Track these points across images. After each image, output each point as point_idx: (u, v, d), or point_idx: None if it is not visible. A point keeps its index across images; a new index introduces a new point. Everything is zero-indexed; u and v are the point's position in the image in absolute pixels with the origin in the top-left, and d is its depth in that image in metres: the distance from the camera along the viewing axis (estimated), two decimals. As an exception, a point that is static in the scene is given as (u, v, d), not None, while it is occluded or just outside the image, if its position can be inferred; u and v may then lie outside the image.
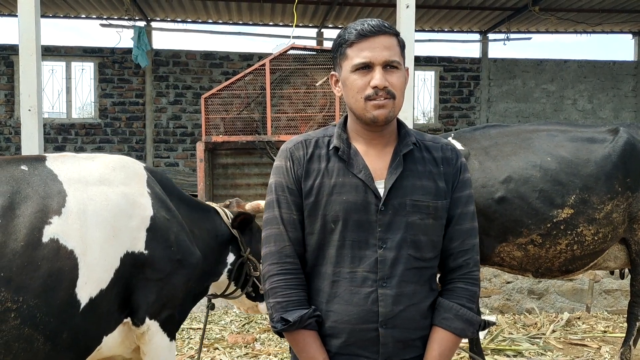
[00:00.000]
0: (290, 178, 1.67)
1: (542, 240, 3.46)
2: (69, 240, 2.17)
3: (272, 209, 1.69)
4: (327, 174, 1.66)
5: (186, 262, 2.53)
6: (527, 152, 3.55)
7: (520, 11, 10.86)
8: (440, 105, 12.80)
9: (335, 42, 1.69)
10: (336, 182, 1.64)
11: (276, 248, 1.66)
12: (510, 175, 3.48)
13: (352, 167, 1.65)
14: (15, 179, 2.20)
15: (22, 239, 2.09)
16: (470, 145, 3.65)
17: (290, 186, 1.67)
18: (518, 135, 3.66)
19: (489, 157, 3.57)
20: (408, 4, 5.23)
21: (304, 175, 1.67)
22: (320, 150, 1.69)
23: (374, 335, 1.62)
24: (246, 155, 7.02)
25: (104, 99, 11.82)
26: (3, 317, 2.03)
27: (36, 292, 2.08)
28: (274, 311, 1.64)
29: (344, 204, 1.62)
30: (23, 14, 5.09)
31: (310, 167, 1.67)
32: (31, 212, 2.14)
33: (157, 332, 2.47)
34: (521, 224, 3.45)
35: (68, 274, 2.14)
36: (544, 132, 3.65)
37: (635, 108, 13.16)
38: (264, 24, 12.18)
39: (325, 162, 1.67)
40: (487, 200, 3.47)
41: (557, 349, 4.57)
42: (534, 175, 3.47)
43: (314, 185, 1.65)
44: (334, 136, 1.70)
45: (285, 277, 1.65)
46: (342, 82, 1.67)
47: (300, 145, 1.71)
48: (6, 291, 2.04)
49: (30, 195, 2.18)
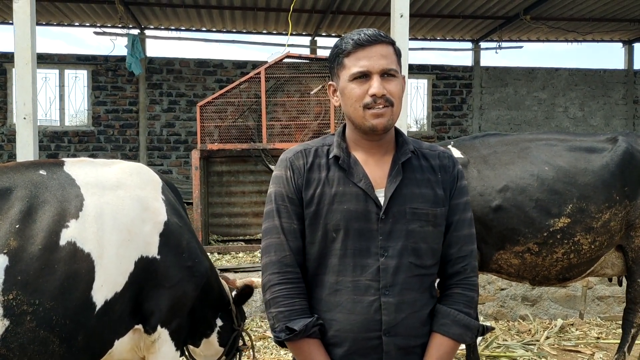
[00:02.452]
0: (290, 187, 1.67)
1: (539, 249, 3.48)
2: (86, 244, 2.19)
3: (272, 218, 1.68)
4: (328, 183, 1.66)
5: (196, 271, 2.54)
6: (525, 161, 3.57)
7: (512, 20, 10.96)
8: (433, 113, 12.87)
9: (332, 52, 1.70)
10: (337, 191, 1.65)
11: (277, 257, 1.66)
12: (507, 184, 3.50)
13: (352, 176, 1.66)
14: (34, 184, 2.23)
15: (40, 242, 2.11)
16: (470, 154, 3.67)
17: (291, 195, 1.67)
18: (517, 145, 3.68)
19: (487, 165, 3.60)
20: (402, 12, 5.27)
21: (305, 184, 1.67)
22: (320, 160, 1.70)
23: (376, 343, 1.63)
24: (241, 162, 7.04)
25: (98, 107, 11.79)
26: (19, 319, 2.05)
27: (53, 295, 2.09)
28: (277, 321, 1.64)
29: (345, 213, 1.63)
30: (18, 22, 5.09)
31: (311, 177, 1.68)
32: (49, 216, 2.17)
33: (166, 341, 2.48)
34: (518, 233, 3.47)
35: (85, 276, 2.17)
36: (543, 141, 3.67)
37: (626, 116, 13.29)
38: (258, 32, 12.22)
39: (326, 171, 1.68)
40: (484, 209, 3.48)
41: (551, 355, 4.60)
42: (531, 184, 3.48)
43: (314, 195, 1.66)
44: (334, 145, 1.71)
45: (287, 286, 1.64)
46: (340, 92, 1.68)
47: (300, 154, 1.71)
48: (23, 294, 2.05)
49: (49, 199, 2.21)
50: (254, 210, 7.14)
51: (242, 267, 5.47)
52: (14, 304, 2.04)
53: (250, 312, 5.20)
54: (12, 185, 2.20)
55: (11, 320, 2.04)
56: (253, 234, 7.15)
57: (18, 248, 2.08)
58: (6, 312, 2.03)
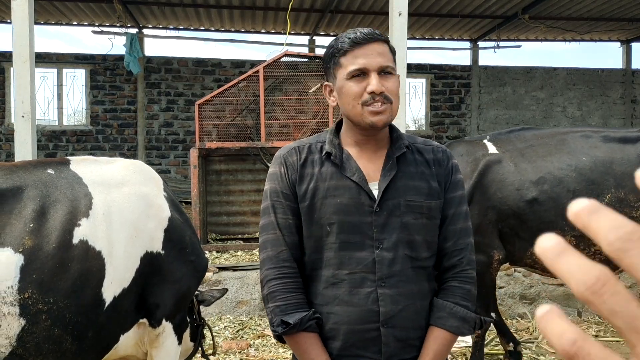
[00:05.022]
0: (284, 183, 1.69)
1: (577, 242, 3.40)
2: (97, 242, 2.23)
3: (268, 214, 1.70)
4: (321, 177, 1.67)
5: (199, 265, 2.59)
6: (562, 152, 3.55)
7: (510, 19, 10.98)
8: (431, 113, 12.88)
9: (327, 52, 1.70)
10: (329, 185, 1.66)
11: (273, 253, 1.67)
12: (544, 176, 3.48)
13: (345, 171, 1.67)
14: (43, 183, 2.26)
15: (54, 241, 2.14)
16: (506, 147, 3.66)
17: (285, 191, 1.68)
18: (553, 137, 3.67)
19: (524, 158, 3.58)
20: (400, 11, 5.27)
21: (298, 179, 1.69)
22: (313, 156, 1.72)
23: (375, 335, 1.63)
24: (239, 161, 7.04)
25: (96, 106, 11.79)
26: (35, 319, 2.07)
27: (66, 293, 2.12)
28: (274, 315, 1.64)
29: (339, 207, 1.64)
30: (16, 20, 5.09)
31: (304, 172, 1.69)
32: (61, 215, 2.20)
33: (170, 334, 2.52)
34: (555, 226, 3.41)
35: (96, 274, 2.20)
36: (578, 133, 3.67)
37: (624, 115, 13.31)
38: (256, 31, 12.22)
39: (319, 166, 1.69)
40: (520, 202, 3.46)
41: (550, 354, 4.61)
42: (568, 175, 3.45)
43: (308, 189, 1.67)
44: (326, 142, 1.72)
45: (283, 280, 1.65)
46: (338, 91, 1.68)
47: (294, 151, 1.73)
48: (38, 293, 2.07)
49: (60, 198, 2.24)
50: (253, 208, 7.14)
51: (241, 266, 5.47)
52: (29, 303, 2.06)
53: (249, 311, 5.21)
54: (23, 185, 2.22)
55: (27, 319, 2.06)
56: (251, 232, 7.15)
57: (33, 247, 2.10)
58: (22, 311, 2.05)
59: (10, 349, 2.06)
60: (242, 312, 5.23)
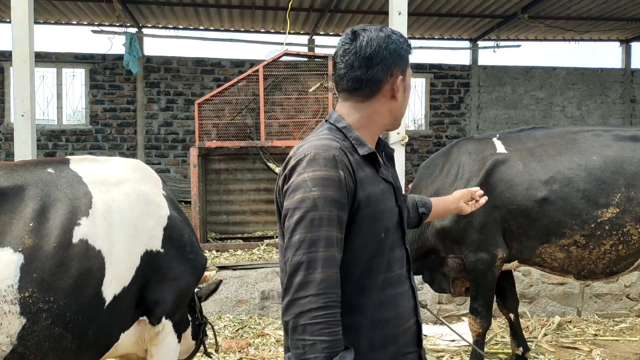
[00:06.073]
0: (343, 191, 1.47)
1: (586, 241, 3.42)
2: (97, 241, 2.24)
3: (318, 227, 1.43)
4: (373, 181, 1.57)
5: (197, 263, 2.61)
6: (572, 152, 3.54)
7: (510, 19, 10.98)
8: (431, 112, 12.88)
9: (400, 46, 1.66)
10: (378, 189, 1.58)
11: (323, 276, 1.41)
12: (553, 175, 3.47)
13: (382, 172, 1.62)
14: (44, 182, 2.27)
15: (54, 240, 2.15)
16: (515, 147, 3.65)
17: (343, 201, 1.47)
18: (563, 137, 3.66)
19: (533, 158, 3.57)
20: (400, 10, 5.27)
21: (357, 185, 1.51)
22: (353, 157, 1.55)
23: (415, 328, 1.66)
24: (239, 160, 7.04)
25: (95, 106, 11.78)
26: (35, 317, 2.08)
27: (67, 292, 2.13)
28: (315, 352, 1.39)
29: (390, 210, 1.60)
30: (16, 19, 5.09)
31: (360, 176, 1.53)
32: (61, 214, 2.21)
33: (169, 332, 2.53)
34: (564, 225, 3.42)
35: (96, 273, 2.21)
36: (589, 132, 3.66)
37: (623, 115, 13.32)
38: (256, 31, 12.22)
39: (365, 168, 1.56)
40: (529, 202, 3.46)
41: (549, 352, 4.61)
42: (578, 174, 3.45)
43: (369, 195, 1.53)
44: (359, 142, 1.58)
45: (332, 311, 1.42)
46: (405, 87, 1.68)
47: (341, 151, 1.51)
48: (38, 292, 2.08)
49: (60, 197, 2.25)
50: (252, 208, 7.14)
51: (241, 265, 5.47)
52: (30, 302, 2.07)
53: (248, 310, 5.22)
54: (24, 184, 2.23)
55: (28, 318, 2.07)
56: (251, 231, 7.15)
57: (33, 246, 2.11)
58: (23, 310, 2.06)
59: (11, 348, 2.07)
60: (242, 311, 5.24)
